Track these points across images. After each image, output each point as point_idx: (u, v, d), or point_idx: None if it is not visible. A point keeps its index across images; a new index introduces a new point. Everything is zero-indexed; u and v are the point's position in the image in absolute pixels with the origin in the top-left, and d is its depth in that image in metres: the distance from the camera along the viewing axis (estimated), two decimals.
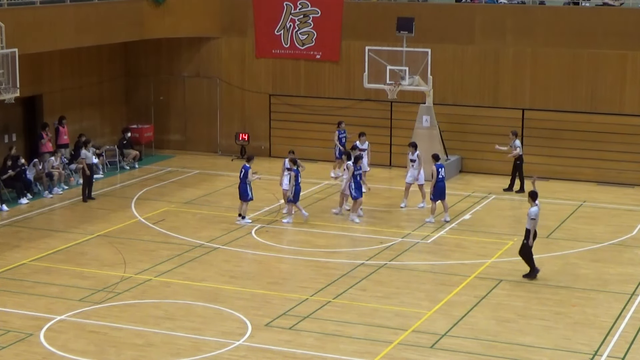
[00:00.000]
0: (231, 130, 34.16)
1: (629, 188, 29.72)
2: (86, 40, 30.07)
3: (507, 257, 22.51)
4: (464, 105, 31.44)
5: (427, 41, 30.40)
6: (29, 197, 27.78)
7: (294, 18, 33.01)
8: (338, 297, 20.11)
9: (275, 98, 33.54)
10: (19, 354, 17.05)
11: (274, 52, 33.38)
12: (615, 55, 29.86)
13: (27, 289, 20.46)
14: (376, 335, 18.05)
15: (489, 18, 31.23)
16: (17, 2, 27.70)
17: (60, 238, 24.26)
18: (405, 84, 29.42)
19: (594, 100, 30.23)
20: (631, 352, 17.38)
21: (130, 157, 32.35)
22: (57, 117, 30.72)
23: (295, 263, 22.73)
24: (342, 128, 30.21)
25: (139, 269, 21.80)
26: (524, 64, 30.82)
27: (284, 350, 17.35)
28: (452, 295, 20.28)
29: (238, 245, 23.81)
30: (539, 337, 18.05)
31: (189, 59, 34.50)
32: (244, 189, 25.48)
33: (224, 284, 20.88)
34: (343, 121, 30.45)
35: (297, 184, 25.41)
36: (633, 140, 29.72)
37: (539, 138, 30.57)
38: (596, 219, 26.44)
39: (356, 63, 31.94)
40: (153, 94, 34.89)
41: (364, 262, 22.43)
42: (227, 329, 18.26)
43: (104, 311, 19.23)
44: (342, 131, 30.18)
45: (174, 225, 25.47)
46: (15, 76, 24.83)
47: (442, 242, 24.18)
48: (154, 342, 17.67)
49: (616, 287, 20.91)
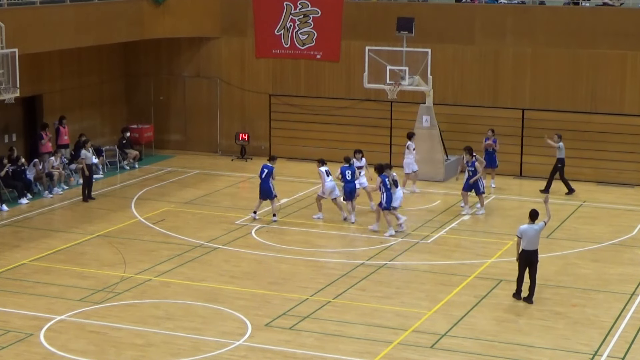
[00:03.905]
0: (231, 130, 34.17)
1: (629, 188, 29.72)
2: (86, 40, 30.06)
3: (507, 257, 22.50)
4: (464, 105, 31.44)
5: (427, 41, 30.41)
6: (29, 197, 27.79)
7: (294, 18, 33.01)
8: (338, 297, 20.10)
9: (275, 98, 33.55)
10: (19, 354, 17.05)
11: (274, 52, 33.38)
12: (615, 55, 29.87)
13: (27, 289, 20.46)
14: (376, 335, 18.05)
15: (489, 18, 31.24)
16: (17, 2, 27.70)
17: (60, 238, 24.27)
18: (405, 84, 29.42)
19: (594, 100, 30.23)
20: (631, 352, 17.37)
21: (131, 157, 32.36)
22: (57, 117, 30.73)
23: (295, 263, 22.72)
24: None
25: (139, 269, 21.80)
26: (524, 64, 30.82)
27: (284, 350, 17.35)
28: (452, 295, 20.27)
29: (238, 245, 23.81)
30: (539, 337, 18.05)
31: (189, 59, 34.51)
32: (268, 188, 25.42)
33: (224, 284, 20.88)
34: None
35: (351, 181, 25.47)
36: (633, 140, 29.72)
37: (539, 138, 30.54)
38: (596, 219, 26.44)
39: (356, 63, 31.95)
40: (153, 94, 34.91)
41: (364, 262, 22.43)
42: (227, 329, 18.26)
43: (104, 311, 19.23)
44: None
45: (174, 225, 25.47)
46: (15, 76, 24.84)
47: (442, 242, 24.17)
48: (154, 342, 17.67)
49: (616, 287, 20.91)
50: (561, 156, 28.43)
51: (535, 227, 19.65)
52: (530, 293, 19.85)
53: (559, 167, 28.53)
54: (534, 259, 19.79)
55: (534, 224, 19.69)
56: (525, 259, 19.76)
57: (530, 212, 19.81)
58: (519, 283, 19.95)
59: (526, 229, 19.60)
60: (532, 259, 19.76)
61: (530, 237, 19.62)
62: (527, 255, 19.72)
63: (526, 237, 19.61)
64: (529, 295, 19.84)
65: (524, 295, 19.91)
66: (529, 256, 19.72)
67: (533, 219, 19.70)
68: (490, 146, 29.17)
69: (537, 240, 19.79)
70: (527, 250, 19.68)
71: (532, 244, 19.69)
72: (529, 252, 19.70)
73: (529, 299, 19.81)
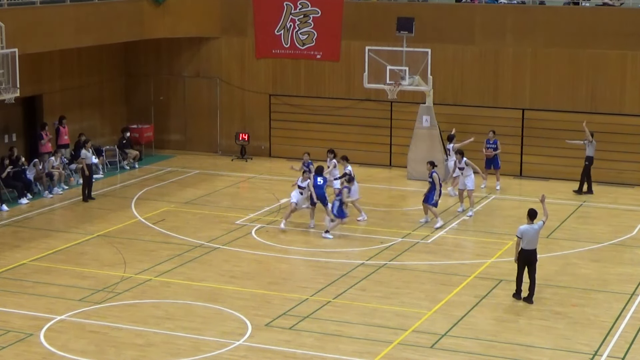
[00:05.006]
0: (231, 130, 34.17)
1: (629, 188, 29.71)
2: (86, 40, 30.06)
3: (507, 257, 22.49)
4: (464, 105, 31.44)
5: (427, 41, 30.40)
6: (29, 197, 27.79)
7: (294, 18, 33.01)
8: (338, 297, 20.10)
9: (275, 98, 33.55)
10: (19, 354, 17.05)
11: (274, 52, 33.38)
12: (615, 55, 29.86)
13: (27, 289, 20.46)
14: (376, 335, 18.05)
15: (489, 18, 31.23)
16: (17, 2, 27.70)
17: (60, 238, 24.27)
18: (405, 84, 29.43)
19: (594, 100, 30.23)
20: (631, 352, 17.38)
21: (131, 157, 32.36)
22: (57, 117, 30.72)
23: (295, 263, 22.73)
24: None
25: (139, 269, 21.80)
26: (524, 64, 30.82)
27: (284, 350, 17.35)
28: (452, 295, 20.27)
29: (238, 245, 23.81)
30: (539, 337, 18.05)
31: (189, 59, 34.50)
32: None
33: (224, 284, 20.88)
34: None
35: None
36: (633, 140, 29.72)
37: (539, 138, 30.57)
38: (596, 219, 26.44)
39: (356, 63, 31.94)
40: (153, 94, 34.91)
41: (364, 262, 22.43)
42: (227, 329, 18.26)
43: (104, 311, 19.23)
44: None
45: (174, 225, 25.47)
46: (15, 76, 24.84)
47: (442, 242, 24.17)
48: (154, 342, 17.67)
49: (616, 287, 20.91)
50: (590, 154, 28.50)
51: (535, 227, 19.66)
52: (530, 293, 19.85)
53: (587, 165, 28.57)
54: (533, 258, 19.79)
55: (532, 223, 19.70)
56: (524, 259, 19.76)
57: (529, 212, 19.80)
58: (519, 283, 19.95)
59: (526, 229, 19.60)
60: (531, 258, 19.76)
61: (529, 237, 19.63)
62: (526, 255, 19.72)
63: (526, 237, 19.62)
64: (529, 295, 19.84)
65: (523, 295, 19.91)
66: (527, 256, 19.72)
67: (532, 218, 19.70)
68: (490, 154, 29.09)
69: (536, 240, 19.80)
70: (526, 249, 19.68)
71: (531, 244, 19.69)
72: (528, 251, 19.70)
73: (529, 299, 19.81)
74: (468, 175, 26.27)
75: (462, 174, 26.37)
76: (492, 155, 29.18)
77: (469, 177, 26.27)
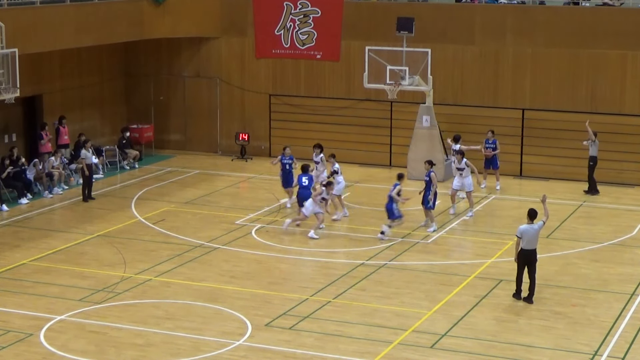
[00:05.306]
0: (231, 130, 34.17)
1: (629, 188, 29.71)
2: (86, 40, 30.07)
3: (507, 257, 22.49)
4: (464, 105, 31.44)
5: (427, 41, 30.41)
6: (29, 197, 27.79)
7: (294, 18, 33.01)
8: (338, 297, 20.10)
9: (275, 98, 33.55)
10: (19, 354, 17.05)
11: (274, 52, 33.38)
12: (615, 55, 29.86)
13: (27, 289, 20.46)
14: (376, 335, 18.05)
15: (489, 18, 31.24)
16: (17, 2, 27.70)
17: (60, 238, 24.27)
18: (405, 84, 29.42)
19: (594, 100, 30.23)
20: (631, 352, 17.37)
21: (131, 157, 32.36)
22: (57, 117, 30.73)
23: (295, 263, 22.73)
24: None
25: (139, 269, 21.80)
26: (524, 64, 30.82)
27: (284, 350, 17.35)
28: (452, 295, 20.27)
29: (238, 245, 23.81)
30: (539, 337, 18.05)
31: (189, 59, 34.51)
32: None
33: (224, 284, 20.88)
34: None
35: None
36: (633, 140, 29.72)
37: (539, 138, 30.57)
38: (596, 219, 26.44)
39: (356, 63, 31.95)
40: (153, 94, 34.91)
41: (364, 262, 22.43)
42: (227, 329, 18.26)
43: (104, 311, 19.23)
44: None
45: (174, 225, 25.47)
46: (15, 76, 24.84)
47: (442, 242, 24.18)
48: (154, 342, 17.67)
49: (616, 287, 20.91)
50: (593, 154, 28.49)
51: (534, 227, 19.65)
52: (530, 293, 19.85)
53: (591, 165, 28.57)
54: (533, 258, 19.79)
55: (533, 223, 19.69)
56: (524, 259, 19.75)
57: (529, 212, 19.79)
58: (518, 283, 19.95)
59: (526, 229, 19.59)
60: (530, 258, 19.76)
61: (529, 236, 19.63)
62: (525, 255, 19.72)
63: (526, 236, 19.61)
64: (528, 295, 19.84)
65: (523, 295, 19.91)
66: (527, 255, 19.72)
67: (532, 218, 19.69)
68: (489, 154, 29.13)
69: (536, 240, 19.79)
70: (526, 249, 19.68)
71: (531, 244, 19.69)
72: (527, 251, 19.70)
73: (528, 299, 19.81)
74: (467, 177, 26.28)
75: (461, 175, 26.38)
76: (491, 155, 29.21)
77: (467, 178, 26.27)
